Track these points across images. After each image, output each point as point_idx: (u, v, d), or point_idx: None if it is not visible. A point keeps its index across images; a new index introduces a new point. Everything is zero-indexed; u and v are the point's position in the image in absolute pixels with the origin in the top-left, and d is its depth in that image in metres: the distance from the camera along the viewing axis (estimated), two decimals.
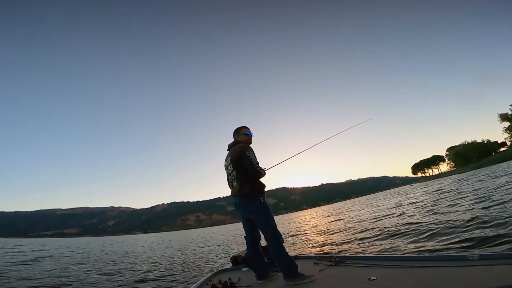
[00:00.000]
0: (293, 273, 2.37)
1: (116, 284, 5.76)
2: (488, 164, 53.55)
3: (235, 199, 2.66)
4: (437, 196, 12.65)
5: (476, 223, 5.06)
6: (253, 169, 2.51)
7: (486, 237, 4.05)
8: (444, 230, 5.19)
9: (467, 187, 13.84)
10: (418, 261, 2.40)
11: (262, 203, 2.55)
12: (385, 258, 2.82)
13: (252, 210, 2.56)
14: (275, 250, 2.46)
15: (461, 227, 5.09)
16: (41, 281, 6.08)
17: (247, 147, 2.65)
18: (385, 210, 12.27)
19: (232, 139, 2.89)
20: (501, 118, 68.45)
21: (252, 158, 2.55)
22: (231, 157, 2.67)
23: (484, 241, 3.94)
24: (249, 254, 2.82)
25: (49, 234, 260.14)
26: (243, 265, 3.41)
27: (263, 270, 2.65)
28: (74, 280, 6.25)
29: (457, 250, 3.89)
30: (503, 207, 5.90)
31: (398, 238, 5.66)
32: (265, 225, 2.53)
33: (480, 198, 8.12)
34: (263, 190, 2.61)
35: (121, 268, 8.03)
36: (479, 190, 10.49)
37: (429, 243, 4.68)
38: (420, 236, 5.28)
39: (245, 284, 2.54)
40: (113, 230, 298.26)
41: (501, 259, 1.95)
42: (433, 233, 5.21)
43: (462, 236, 4.47)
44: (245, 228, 2.75)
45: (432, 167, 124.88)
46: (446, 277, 1.87)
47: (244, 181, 2.56)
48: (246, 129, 2.86)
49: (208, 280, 2.82)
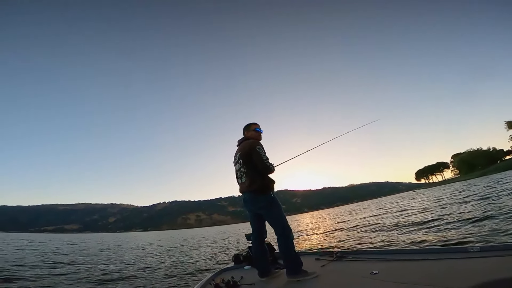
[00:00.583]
0: (297, 270, 2.37)
1: (115, 283, 5.70)
2: (493, 172, 52.75)
3: (244, 195, 2.65)
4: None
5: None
6: (263, 165, 2.51)
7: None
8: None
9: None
10: (419, 254, 2.41)
11: (273, 198, 2.54)
12: (386, 252, 2.84)
13: (262, 206, 2.55)
14: (285, 245, 2.43)
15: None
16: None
17: (257, 143, 2.65)
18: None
19: (239, 136, 2.88)
20: (508, 125, 67.74)
21: (262, 153, 2.56)
22: (241, 153, 2.66)
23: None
24: (255, 251, 2.77)
25: (49, 229, 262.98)
26: (245, 263, 3.39)
27: (266, 268, 2.65)
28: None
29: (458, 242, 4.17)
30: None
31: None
32: (276, 220, 2.52)
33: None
34: (272, 185, 2.60)
35: (121, 265, 7.91)
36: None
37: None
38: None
39: (248, 282, 2.52)
40: (114, 227, 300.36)
41: (501, 251, 1.97)
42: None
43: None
44: (253, 225, 2.73)
45: (436, 173, 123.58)
46: (448, 269, 1.89)
47: (254, 176, 2.56)
48: (256, 125, 2.87)
49: (211, 279, 2.79)
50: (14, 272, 6.49)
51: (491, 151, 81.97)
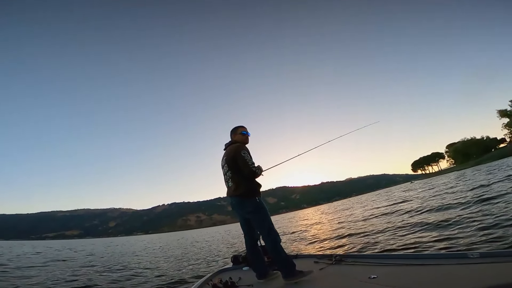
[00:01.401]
0: (291, 272, 2.37)
1: (114, 282, 5.77)
2: (488, 160, 53.16)
3: (231, 199, 2.65)
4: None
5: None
6: (248, 169, 2.49)
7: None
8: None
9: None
10: (418, 259, 2.37)
11: (258, 202, 2.53)
12: (385, 257, 2.81)
13: (248, 210, 2.55)
14: (272, 249, 2.45)
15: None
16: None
17: (242, 147, 2.63)
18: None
19: (229, 139, 2.88)
20: (500, 114, 68.07)
21: (247, 158, 2.53)
22: (226, 157, 2.67)
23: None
24: (248, 254, 2.81)
25: (50, 236, 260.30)
26: (243, 265, 3.40)
27: (263, 269, 2.63)
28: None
29: (458, 247, 3.84)
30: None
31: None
32: (261, 225, 2.52)
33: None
34: (259, 189, 2.60)
35: (122, 268, 8.01)
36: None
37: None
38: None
39: (246, 284, 2.53)
40: (114, 231, 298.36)
41: (501, 257, 1.93)
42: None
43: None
44: (243, 228, 2.74)
45: (432, 164, 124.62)
46: (447, 275, 1.86)
47: (240, 181, 2.55)
48: (243, 128, 2.84)
49: (209, 279, 2.81)
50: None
51: (484, 140, 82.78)
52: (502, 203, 6.10)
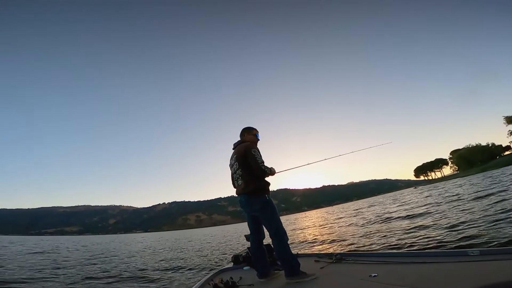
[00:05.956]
0: (295, 271, 2.37)
1: (112, 281, 5.73)
2: (492, 167, 52.65)
3: (240, 197, 2.67)
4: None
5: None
6: (258, 168, 2.53)
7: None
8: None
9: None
10: (418, 257, 2.40)
11: (268, 200, 2.57)
12: (385, 255, 2.85)
13: (257, 208, 2.58)
14: (279, 248, 2.46)
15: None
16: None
17: (253, 146, 2.68)
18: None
19: (238, 136, 2.92)
20: (507, 121, 67.73)
21: (258, 156, 2.58)
22: (237, 155, 2.69)
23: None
24: (253, 253, 2.79)
25: (49, 232, 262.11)
26: (244, 264, 3.39)
27: (265, 269, 2.66)
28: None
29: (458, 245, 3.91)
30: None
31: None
32: (269, 222, 2.54)
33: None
34: (268, 187, 2.63)
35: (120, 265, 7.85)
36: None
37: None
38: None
39: (247, 283, 2.52)
40: (114, 229, 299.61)
41: (501, 254, 1.95)
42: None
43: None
44: (250, 227, 2.75)
45: (435, 170, 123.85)
46: (447, 272, 1.88)
47: (249, 179, 2.58)
48: (256, 131, 2.91)
49: (209, 279, 2.80)
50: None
51: (490, 147, 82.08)
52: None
